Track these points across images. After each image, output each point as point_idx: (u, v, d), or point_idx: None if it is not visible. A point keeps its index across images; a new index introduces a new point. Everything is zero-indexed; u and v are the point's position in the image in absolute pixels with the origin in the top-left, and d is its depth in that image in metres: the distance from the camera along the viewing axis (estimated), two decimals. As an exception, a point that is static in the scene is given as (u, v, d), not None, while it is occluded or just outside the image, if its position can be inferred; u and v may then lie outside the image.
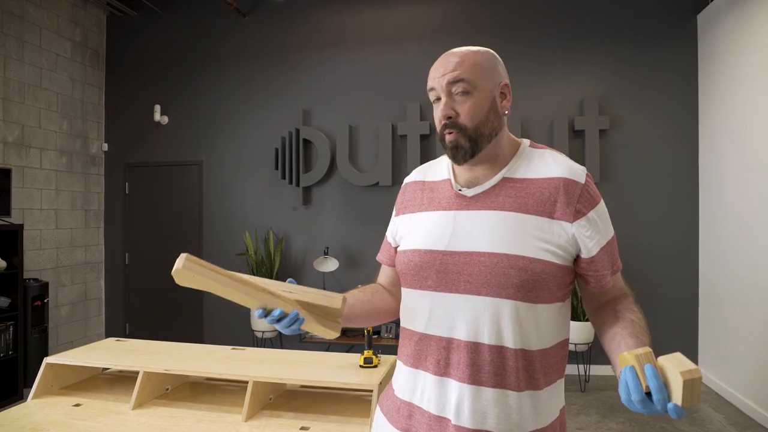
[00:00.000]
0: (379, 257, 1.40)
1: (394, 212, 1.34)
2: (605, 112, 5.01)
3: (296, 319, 1.07)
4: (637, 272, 4.88)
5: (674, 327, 4.89)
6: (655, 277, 4.91)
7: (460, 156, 1.10)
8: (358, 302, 1.28)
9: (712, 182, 4.66)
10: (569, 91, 5.11)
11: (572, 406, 4.16)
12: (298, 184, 5.47)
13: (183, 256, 1.00)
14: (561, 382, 1.14)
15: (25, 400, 2.18)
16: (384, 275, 1.39)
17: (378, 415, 1.25)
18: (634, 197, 4.97)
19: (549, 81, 5.16)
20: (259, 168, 5.69)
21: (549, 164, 1.12)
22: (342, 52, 5.57)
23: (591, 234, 1.06)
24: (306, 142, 5.51)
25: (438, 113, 1.11)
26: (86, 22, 5.83)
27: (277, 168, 5.55)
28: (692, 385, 0.75)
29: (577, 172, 1.10)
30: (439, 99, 1.12)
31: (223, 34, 5.85)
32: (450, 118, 1.09)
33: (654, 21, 4.98)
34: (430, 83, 1.13)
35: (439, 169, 1.25)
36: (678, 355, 0.80)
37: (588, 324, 4.53)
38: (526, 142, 1.19)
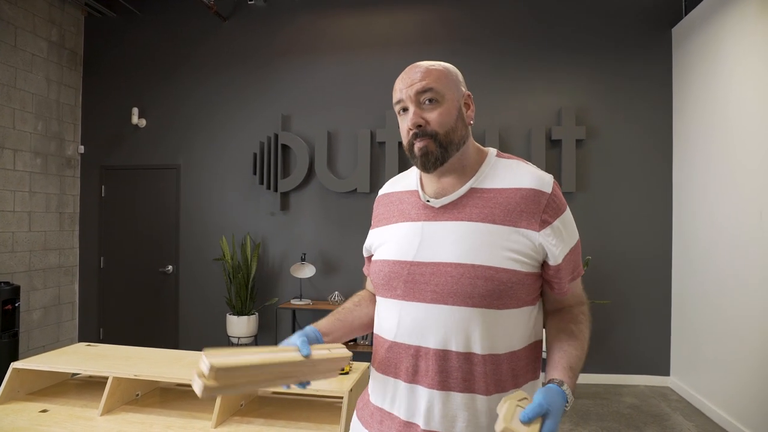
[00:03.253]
0: (365, 269, 1.44)
1: (371, 225, 1.36)
2: (582, 122, 5.09)
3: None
4: (611, 281, 4.97)
5: (646, 336, 4.98)
6: (628, 286, 5.00)
7: (430, 163, 1.11)
8: (355, 318, 1.30)
9: (685, 192, 4.76)
10: (547, 101, 5.20)
11: (545, 413, 4.20)
12: (276, 190, 5.46)
13: (201, 384, 0.92)
14: (535, 383, 1.16)
15: (-8, 406, 2.14)
16: (369, 284, 1.43)
17: (354, 420, 1.28)
18: (609, 207, 5.06)
19: (527, 91, 5.24)
20: (237, 173, 5.68)
21: (516, 174, 1.13)
22: (322, 58, 5.59)
23: (556, 242, 1.09)
24: (284, 147, 5.51)
25: (407, 123, 1.12)
26: (63, 22, 5.77)
27: (255, 173, 5.54)
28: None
29: (544, 181, 1.12)
30: (406, 110, 1.13)
31: (202, 38, 5.83)
32: (420, 126, 1.10)
33: (630, 33, 5.09)
34: (397, 95, 1.14)
35: (408, 180, 1.27)
36: (501, 410, 0.93)
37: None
38: (492, 151, 1.21)
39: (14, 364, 2.21)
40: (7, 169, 5.06)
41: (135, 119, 5.85)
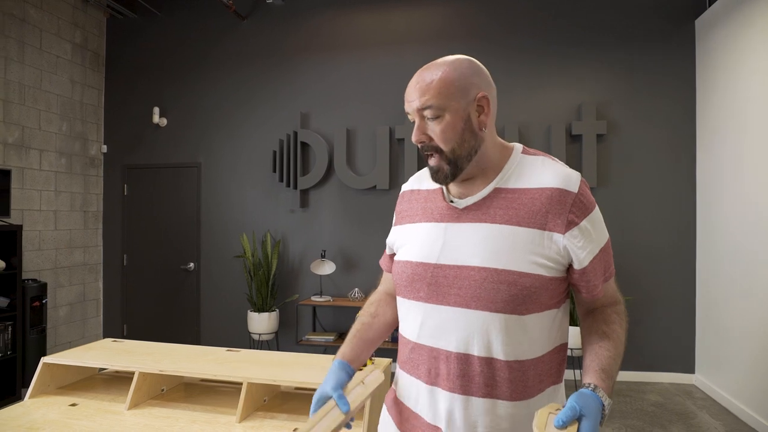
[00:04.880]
0: (381, 263, 1.42)
1: (394, 219, 1.34)
2: (603, 117, 5.03)
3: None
4: (634, 278, 4.91)
5: (671, 333, 4.91)
6: (652, 283, 4.94)
7: (441, 179, 1.11)
8: (374, 332, 1.32)
9: (709, 187, 4.68)
10: (567, 96, 5.14)
11: (567, 410, 4.17)
12: (295, 187, 5.49)
13: None
14: (557, 387, 1.14)
15: (23, 400, 2.20)
16: (386, 280, 1.42)
17: (384, 414, 1.29)
18: (632, 202, 5.00)
19: (546, 86, 5.19)
20: (257, 170, 5.72)
21: (542, 173, 1.09)
22: (340, 56, 5.61)
23: (583, 244, 1.05)
24: (304, 145, 5.54)
25: (414, 135, 1.11)
26: (86, 24, 5.87)
27: (274, 171, 5.58)
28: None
29: (571, 180, 1.07)
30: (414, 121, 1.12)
31: (221, 37, 5.88)
32: (423, 142, 1.09)
33: (652, 26, 5.01)
34: (405, 106, 1.12)
35: None
36: (534, 420, 0.92)
37: (583, 328, 4.54)
38: (518, 147, 1.17)
39: (44, 359, 2.26)
40: (34, 168, 5.17)
41: (156, 118, 5.93)
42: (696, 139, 4.92)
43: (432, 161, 1.10)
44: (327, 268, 5.18)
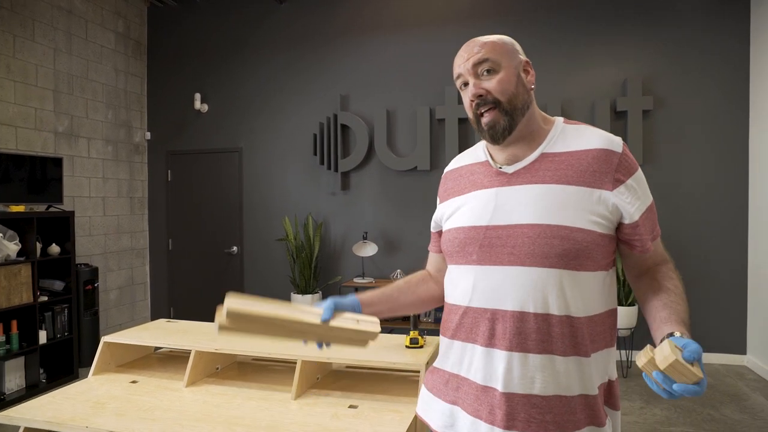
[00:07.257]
0: (429, 246, 1.45)
1: (438, 201, 1.36)
2: (649, 92, 4.86)
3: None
4: (683, 257, 4.76)
5: (722, 314, 4.76)
6: (702, 262, 4.78)
7: (498, 134, 1.13)
8: (402, 294, 1.37)
9: (763, 163, 4.47)
10: (611, 72, 4.98)
11: (615, 392, 4.10)
12: (336, 170, 5.50)
13: (223, 314, 1.08)
14: (610, 351, 1.15)
15: (79, 378, 2.28)
16: (432, 262, 1.44)
17: (423, 393, 1.29)
18: (680, 179, 4.83)
19: (590, 61, 5.03)
20: (298, 154, 5.75)
21: (586, 137, 1.14)
22: (379, 37, 5.55)
23: (631, 200, 1.09)
24: (344, 127, 5.54)
25: (468, 95, 1.16)
26: (128, 13, 5.97)
27: (315, 154, 5.60)
28: (673, 368, 0.85)
29: (614, 142, 1.13)
30: (467, 84, 1.16)
31: (260, 22, 5.90)
32: (481, 96, 1.13)
33: (702, -5, 4.78)
34: (456, 71, 1.18)
35: (476, 154, 1.28)
36: (663, 347, 0.88)
37: (631, 309, 4.45)
38: (560, 119, 1.22)
39: (105, 338, 2.34)
40: (83, 156, 5.32)
41: (197, 105, 6.01)
42: (749, 113, 4.69)
43: (486, 117, 1.13)
44: (369, 249, 5.19)
